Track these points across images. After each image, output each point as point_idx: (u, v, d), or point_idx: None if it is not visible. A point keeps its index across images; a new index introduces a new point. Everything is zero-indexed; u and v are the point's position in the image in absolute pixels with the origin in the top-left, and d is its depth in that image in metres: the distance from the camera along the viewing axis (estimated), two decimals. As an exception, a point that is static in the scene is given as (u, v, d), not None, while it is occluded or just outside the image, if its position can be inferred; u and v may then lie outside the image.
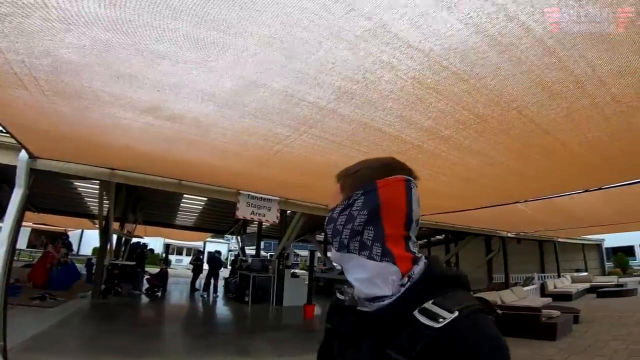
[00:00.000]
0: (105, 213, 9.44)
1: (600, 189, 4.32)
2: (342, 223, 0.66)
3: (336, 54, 1.75)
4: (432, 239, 21.32)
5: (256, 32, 1.63)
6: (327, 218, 0.71)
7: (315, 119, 2.37)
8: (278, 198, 5.54)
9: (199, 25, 1.60)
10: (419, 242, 22.20)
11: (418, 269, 0.64)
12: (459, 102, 2.12)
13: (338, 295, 0.80)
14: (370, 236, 0.64)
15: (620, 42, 1.56)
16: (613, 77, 1.83)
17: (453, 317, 0.54)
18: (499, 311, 0.59)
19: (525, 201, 5.02)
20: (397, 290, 0.62)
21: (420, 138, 2.61)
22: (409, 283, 0.62)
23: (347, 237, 0.65)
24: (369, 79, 1.93)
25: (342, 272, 0.81)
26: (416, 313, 0.57)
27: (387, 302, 0.62)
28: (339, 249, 0.67)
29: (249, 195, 5.28)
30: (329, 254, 17.40)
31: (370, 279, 0.63)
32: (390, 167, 0.69)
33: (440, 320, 0.54)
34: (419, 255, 0.66)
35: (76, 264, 11.83)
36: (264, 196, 5.38)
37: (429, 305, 0.57)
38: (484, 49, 1.69)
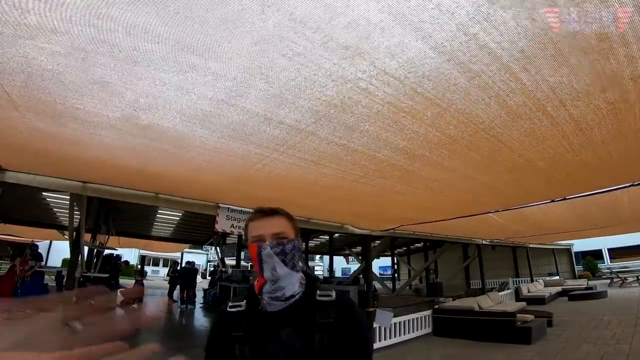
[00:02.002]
0: (75, 224, 9.03)
1: (564, 199, 4.58)
2: (290, 249, 1.01)
3: (315, 81, 1.81)
4: (411, 247, 21.62)
5: (235, 57, 1.67)
6: (286, 241, 1.02)
7: (294, 140, 2.41)
8: (258, 211, 5.51)
9: (177, 48, 1.61)
10: (399, 250, 22.39)
11: (304, 274, 1.07)
12: (432, 124, 2.22)
13: (231, 309, 1.04)
14: (297, 259, 1.03)
15: (579, 67, 1.69)
16: (572, 99, 1.98)
17: (335, 293, 1.02)
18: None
19: (497, 211, 5.23)
20: (302, 288, 1.03)
21: (395, 157, 2.70)
22: (305, 283, 1.05)
23: (290, 259, 1.00)
24: (347, 104, 1.99)
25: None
26: (317, 297, 1.00)
27: (297, 297, 1.00)
28: (284, 264, 1.00)
29: (228, 208, 5.23)
30: (310, 264, 17.31)
31: (295, 283, 1.01)
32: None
33: (331, 295, 1.01)
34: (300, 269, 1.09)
35: (45, 276, 11.27)
36: (243, 209, 5.34)
37: (319, 292, 1.01)
38: (455, 75, 1.79)
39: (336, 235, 16.16)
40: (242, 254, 13.87)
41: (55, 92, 1.97)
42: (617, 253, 19.24)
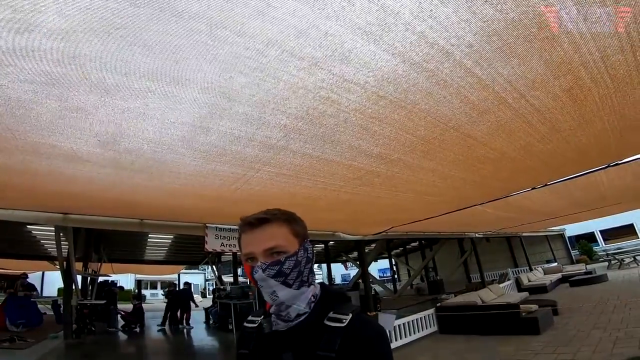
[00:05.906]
0: (65, 254, 8.88)
1: (545, 185, 4.63)
2: (291, 266, 0.83)
3: (276, 94, 1.80)
4: (407, 247, 21.61)
5: (193, 79, 1.65)
6: (283, 258, 0.82)
7: (268, 156, 2.40)
8: (247, 227, 5.45)
9: (129, 75, 1.58)
10: (396, 251, 22.24)
11: (317, 290, 0.89)
12: (401, 127, 2.22)
13: (247, 325, 0.95)
14: (305, 274, 0.86)
15: (528, 56, 1.70)
16: (529, 89, 2.00)
17: (350, 317, 0.81)
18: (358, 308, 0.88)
19: (482, 203, 5.25)
20: (309, 307, 0.85)
21: (372, 164, 2.70)
22: (315, 300, 0.87)
23: (293, 278, 0.83)
24: (313, 115, 1.99)
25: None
26: (326, 322, 0.81)
27: (303, 317, 0.84)
28: (286, 285, 0.83)
29: (216, 227, 5.15)
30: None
31: (302, 302, 0.85)
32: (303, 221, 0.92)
33: (343, 320, 0.80)
34: (313, 281, 0.91)
35: (41, 305, 11.13)
36: (232, 227, 5.26)
37: (331, 314, 0.83)
38: (413, 75, 1.80)
39: (331, 243, 16.09)
40: (239, 270, 13.71)
41: (12, 126, 1.92)
42: (609, 234, 19.39)
